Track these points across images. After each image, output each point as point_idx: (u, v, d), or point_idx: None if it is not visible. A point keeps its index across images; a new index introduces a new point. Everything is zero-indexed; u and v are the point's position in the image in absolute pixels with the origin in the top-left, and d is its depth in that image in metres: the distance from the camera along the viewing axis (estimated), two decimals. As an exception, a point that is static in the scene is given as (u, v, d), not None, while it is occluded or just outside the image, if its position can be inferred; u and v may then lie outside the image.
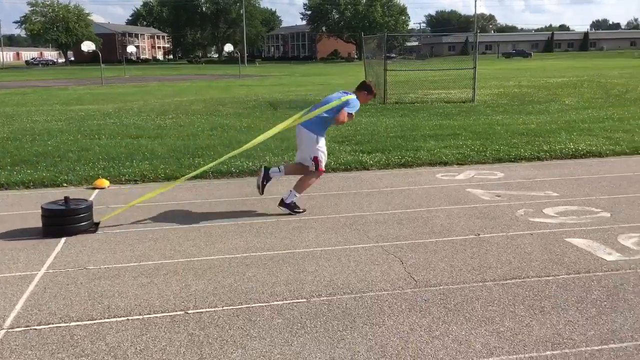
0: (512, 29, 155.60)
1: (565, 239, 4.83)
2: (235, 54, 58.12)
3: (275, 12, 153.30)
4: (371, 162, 8.23)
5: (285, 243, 4.91)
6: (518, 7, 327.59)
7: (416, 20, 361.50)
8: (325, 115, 5.63)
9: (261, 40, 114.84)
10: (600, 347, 3.07)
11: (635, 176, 7.21)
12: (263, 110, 16.02)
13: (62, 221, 5.12)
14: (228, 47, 60.35)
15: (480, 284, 3.96)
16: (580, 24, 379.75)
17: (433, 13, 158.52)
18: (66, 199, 5.24)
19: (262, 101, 19.19)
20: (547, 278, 4.03)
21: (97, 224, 5.32)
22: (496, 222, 5.37)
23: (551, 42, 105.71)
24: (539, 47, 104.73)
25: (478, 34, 20.65)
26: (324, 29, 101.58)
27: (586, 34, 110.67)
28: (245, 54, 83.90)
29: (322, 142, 5.75)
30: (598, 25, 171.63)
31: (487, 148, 8.99)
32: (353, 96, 5.73)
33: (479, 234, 5.03)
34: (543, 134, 10.33)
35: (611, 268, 4.18)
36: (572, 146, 8.91)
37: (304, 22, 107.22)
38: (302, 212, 5.77)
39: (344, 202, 6.24)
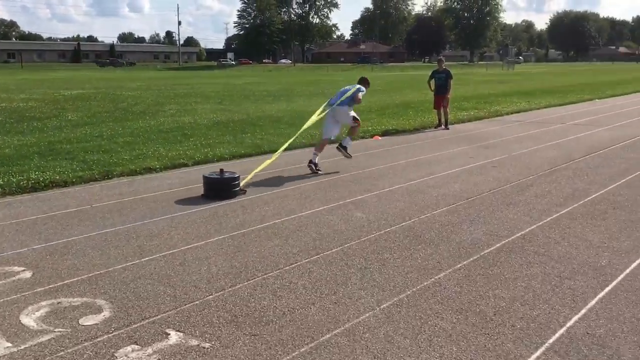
0: (37, 37, 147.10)
1: (-56, 334, 3.40)
2: None
3: None
4: None
5: None
6: (44, 15, 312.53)
7: None
8: (347, 101, 8.42)
9: None
10: None
11: (82, 210, 6.38)
12: None
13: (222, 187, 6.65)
14: None
15: None
16: (109, 35, 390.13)
17: None
18: (221, 170, 6.77)
19: None
20: None
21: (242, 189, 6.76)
22: None
23: (79, 52, 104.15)
24: (66, 57, 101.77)
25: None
26: None
27: (112, 46, 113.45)
28: None
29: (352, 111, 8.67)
30: (125, 38, 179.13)
31: None
32: (359, 85, 8.64)
33: None
34: (15, 161, 8.73)
35: (-17, 376, 2.97)
36: (34, 176, 7.57)
37: None
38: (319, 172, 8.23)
39: None
